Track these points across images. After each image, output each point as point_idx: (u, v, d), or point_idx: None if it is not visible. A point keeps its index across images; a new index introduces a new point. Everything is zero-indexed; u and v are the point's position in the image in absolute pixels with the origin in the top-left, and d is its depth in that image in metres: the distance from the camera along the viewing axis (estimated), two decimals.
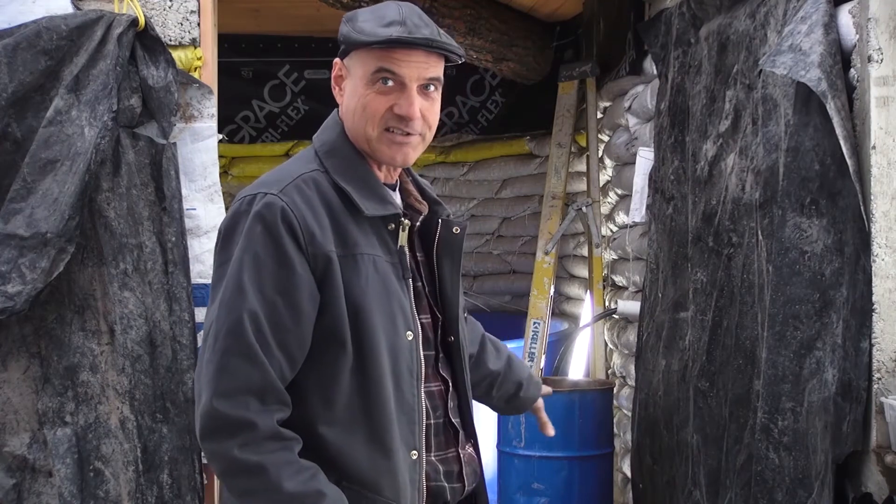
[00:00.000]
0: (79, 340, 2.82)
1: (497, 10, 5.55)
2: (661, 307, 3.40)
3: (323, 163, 1.96)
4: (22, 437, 2.81)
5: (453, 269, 2.07)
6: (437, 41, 1.91)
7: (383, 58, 1.91)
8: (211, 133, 2.97)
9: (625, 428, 4.57)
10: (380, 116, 1.93)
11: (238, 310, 1.83)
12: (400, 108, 1.93)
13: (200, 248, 2.96)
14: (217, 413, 1.81)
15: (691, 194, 3.20)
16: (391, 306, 1.93)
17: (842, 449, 2.40)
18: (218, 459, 1.84)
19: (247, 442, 1.80)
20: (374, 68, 1.92)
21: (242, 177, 6.74)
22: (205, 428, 1.83)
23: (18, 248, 2.68)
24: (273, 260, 1.84)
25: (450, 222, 2.07)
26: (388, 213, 1.95)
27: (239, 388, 1.81)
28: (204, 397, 1.83)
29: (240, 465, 1.81)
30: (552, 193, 5.51)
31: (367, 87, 1.93)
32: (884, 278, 2.41)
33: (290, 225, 1.85)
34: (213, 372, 1.83)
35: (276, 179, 1.92)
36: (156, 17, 2.94)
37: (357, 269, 1.90)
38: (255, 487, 1.82)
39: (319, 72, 6.64)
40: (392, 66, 1.91)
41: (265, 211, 1.86)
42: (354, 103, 1.96)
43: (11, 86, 2.76)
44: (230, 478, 1.86)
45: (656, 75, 3.73)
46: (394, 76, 1.92)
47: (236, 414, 1.81)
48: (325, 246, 1.87)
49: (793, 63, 2.44)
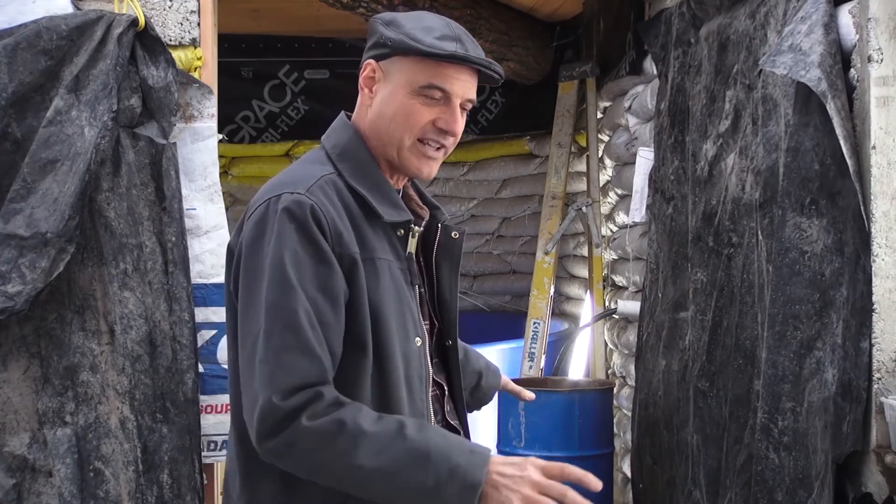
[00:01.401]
0: (79, 340, 2.82)
1: (497, 10, 5.55)
2: (661, 307, 3.40)
3: (336, 166, 1.95)
4: (22, 437, 2.81)
5: (452, 273, 2.07)
6: (494, 65, 1.97)
7: (437, 73, 1.92)
8: (211, 133, 2.97)
9: (625, 428, 4.57)
10: (420, 127, 1.94)
11: (290, 307, 1.79)
12: (445, 124, 1.94)
13: (200, 248, 2.96)
14: (278, 409, 1.75)
15: (691, 194, 3.20)
16: (403, 312, 1.93)
17: (842, 449, 2.39)
18: (289, 446, 1.76)
19: (315, 411, 1.75)
20: (424, 81, 1.92)
21: (242, 177, 6.75)
22: (266, 426, 1.76)
23: (18, 248, 2.68)
24: (311, 257, 1.82)
25: (449, 227, 2.08)
26: (402, 219, 1.95)
27: (300, 383, 1.77)
28: (261, 398, 1.76)
29: (315, 431, 1.75)
30: (552, 193, 5.51)
31: (412, 97, 1.93)
32: (884, 278, 2.41)
33: (319, 223, 1.83)
34: (270, 370, 1.77)
35: (297, 180, 1.90)
36: (156, 17, 2.94)
37: (376, 273, 1.89)
38: (338, 445, 1.75)
39: (319, 72, 6.64)
40: (444, 83, 1.92)
41: (295, 208, 1.83)
42: (393, 110, 1.94)
43: (11, 86, 2.76)
44: (308, 455, 1.77)
45: (656, 75, 3.73)
46: (443, 92, 1.93)
47: (297, 399, 1.76)
48: (350, 247, 1.86)
49: (793, 63, 2.44)
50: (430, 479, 1.75)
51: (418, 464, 1.75)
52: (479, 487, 1.74)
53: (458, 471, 1.75)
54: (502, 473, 1.76)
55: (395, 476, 1.76)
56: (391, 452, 1.75)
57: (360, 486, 1.79)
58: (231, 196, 6.51)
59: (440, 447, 1.77)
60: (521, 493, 1.74)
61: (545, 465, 1.79)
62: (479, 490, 1.74)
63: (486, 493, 1.75)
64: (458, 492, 1.74)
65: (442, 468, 1.75)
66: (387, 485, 1.77)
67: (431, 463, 1.75)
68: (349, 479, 1.79)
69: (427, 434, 1.80)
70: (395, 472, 1.75)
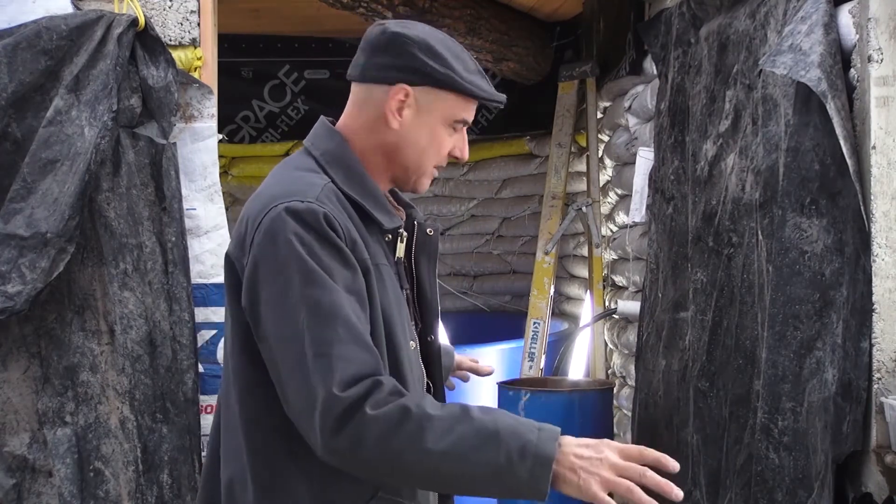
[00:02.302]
0: (79, 340, 2.82)
1: (497, 10, 5.55)
2: (661, 307, 3.40)
3: (327, 172, 1.94)
4: (22, 437, 2.81)
5: (430, 270, 2.07)
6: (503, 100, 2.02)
7: (469, 108, 1.98)
8: (211, 133, 2.97)
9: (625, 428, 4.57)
10: (444, 156, 2.01)
11: (335, 302, 1.76)
12: (460, 152, 2.02)
13: (200, 248, 2.96)
14: (341, 401, 1.70)
15: (691, 194, 3.20)
16: (402, 317, 1.93)
17: (842, 449, 2.39)
18: (357, 439, 1.70)
19: (377, 401, 1.71)
20: (458, 116, 1.97)
21: (242, 177, 6.74)
22: (329, 420, 1.70)
23: (18, 248, 2.69)
24: (335, 260, 1.79)
25: (423, 225, 2.08)
26: (396, 225, 1.95)
27: (359, 373, 1.73)
28: (322, 393, 1.70)
29: (381, 420, 1.70)
30: (552, 193, 5.51)
31: (445, 128, 1.98)
32: (884, 278, 2.41)
33: (335, 230, 1.81)
34: (326, 364, 1.72)
35: (300, 189, 1.87)
36: (156, 17, 2.94)
37: (382, 279, 1.89)
38: (406, 432, 1.70)
39: (319, 72, 6.64)
40: (468, 117, 1.99)
41: (309, 217, 1.80)
42: (427, 140, 1.97)
43: (11, 86, 2.76)
44: (377, 445, 1.71)
45: (656, 75, 3.73)
46: (466, 124, 2.01)
47: (358, 390, 1.71)
48: (363, 253, 1.85)
49: (793, 63, 2.44)
50: (501, 457, 1.70)
51: (488, 442, 1.70)
52: (552, 462, 1.69)
53: (530, 447, 1.70)
54: (579, 455, 1.72)
55: (465, 457, 1.70)
56: (459, 433, 1.71)
57: (432, 472, 1.73)
58: (231, 196, 6.50)
59: (508, 425, 1.73)
60: (601, 476, 1.69)
61: (622, 447, 1.75)
62: (552, 464, 1.69)
63: (562, 476, 1.70)
64: (531, 467, 1.69)
65: (513, 445, 1.70)
66: (459, 467, 1.71)
67: (501, 440, 1.70)
68: (420, 466, 1.73)
69: (493, 414, 1.76)
70: (466, 452, 1.70)
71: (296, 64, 6.70)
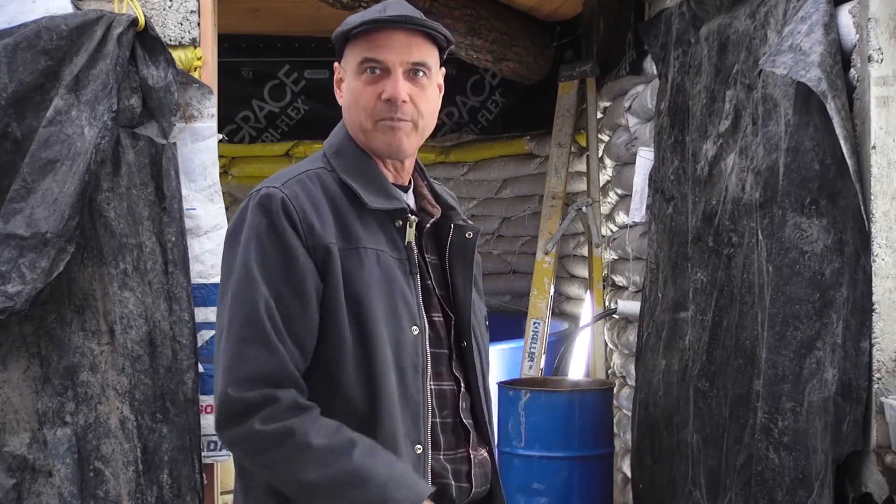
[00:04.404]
0: (79, 340, 2.82)
1: (497, 10, 5.55)
2: (661, 307, 3.40)
3: (330, 162, 1.99)
4: (22, 437, 2.81)
5: (465, 272, 2.07)
6: (411, 17, 1.94)
7: (367, 47, 1.95)
8: (211, 133, 2.97)
9: (625, 428, 4.57)
10: (371, 106, 1.96)
11: (250, 298, 1.84)
12: (386, 93, 1.94)
13: (200, 248, 2.96)
14: (232, 400, 1.81)
15: (691, 194, 3.20)
16: (394, 300, 1.93)
17: (842, 449, 2.39)
18: (239, 442, 1.84)
19: (269, 415, 1.81)
20: (359, 59, 1.96)
21: (242, 177, 6.74)
22: (221, 416, 1.83)
23: (18, 248, 2.68)
24: (277, 249, 1.86)
25: (462, 227, 2.08)
26: (392, 207, 1.96)
27: (255, 375, 1.82)
28: (219, 386, 1.82)
29: (264, 436, 1.80)
30: (552, 193, 5.51)
31: (357, 80, 1.97)
32: (884, 278, 2.41)
33: (289, 216, 1.87)
34: (228, 361, 1.83)
35: (280, 176, 1.97)
36: (156, 17, 2.94)
37: (360, 262, 1.91)
38: (284, 453, 1.82)
39: (319, 72, 6.64)
40: (374, 54, 1.94)
41: (266, 202, 1.89)
42: (348, 97, 1.99)
43: (11, 86, 2.76)
44: (255, 455, 1.85)
45: (656, 75, 3.73)
46: (378, 63, 1.95)
47: (253, 396, 1.81)
48: (324, 238, 1.89)
49: (793, 63, 2.44)
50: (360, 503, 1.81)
51: (355, 487, 1.81)
52: None
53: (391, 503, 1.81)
54: None
55: (331, 494, 1.82)
56: (332, 470, 1.80)
57: (302, 496, 1.86)
58: (231, 196, 6.50)
59: (381, 476, 1.82)
60: None
61: None
62: None
63: None
64: None
65: (377, 497, 1.81)
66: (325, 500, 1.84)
67: (368, 489, 1.81)
68: (291, 487, 1.85)
69: (374, 460, 1.84)
70: (332, 489, 1.81)
71: (296, 64, 6.70)
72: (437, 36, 1.98)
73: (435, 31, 1.98)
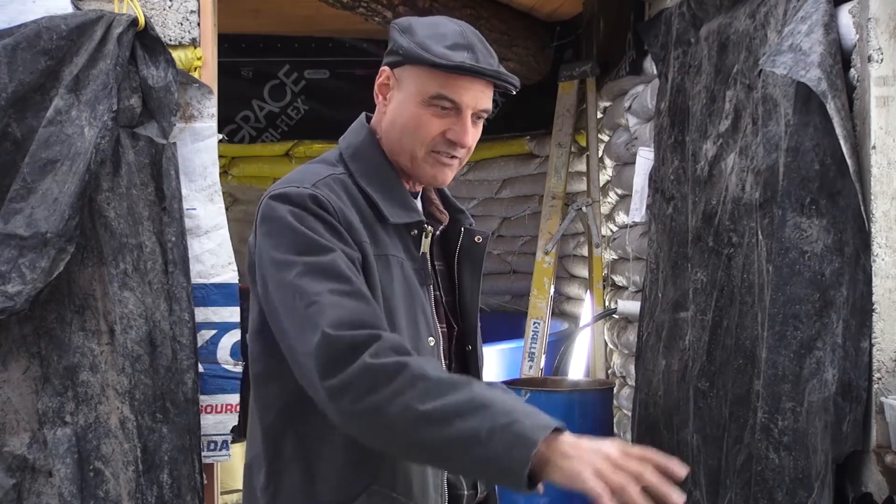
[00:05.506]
0: (79, 340, 2.82)
1: (497, 10, 5.55)
2: (661, 307, 3.40)
3: (348, 166, 1.93)
4: (22, 437, 2.81)
5: (473, 278, 2.05)
6: (504, 75, 1.89)
7: (446, 84, 1.88)
8: (211, 133, 2.97)
9: (625, 428, 4.57)
10: (431, 139, 1.90)
11: (327, 261, 1.75)
12: (455, 135, 1.90)
13: (200, 248, 2.96)
14: (333, 339, 1.67)
15: (691, 194, 3.20)
16: (415, 310, 1.91)
17: (842, 449, 2.39)
18: (349, 384, 1.66)
19: (378, 350, 1.67)
20: (433, 92, 1.88)
21: (242, 177, 6.75)
22: (325, 360, 1.67)
23: (18, 248, 2.68)
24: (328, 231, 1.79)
25: (472, 231, 2.05)
26: (412, 220, 1.93)
27: (353, 318, 1.70)
28: (317, 336, 1.68)
29: (377, 369, 1.65)
30: (552, 193, 5.51)
31: (422, 108, 1.89)
32: (884, 278, 2.41)
33: (325, 208, 1.81)
34: (320, 309, 1.70)
35: (303, 178, 1.88)
36: (156, 17, 2.94)
37: (388, 269, 1.88)
38: (399, 386, 1.64)
39: (319, 72, 6.64)
40: (453, 95, 1.88)
41: (297, 199, 1.81)
42: (404, 120, 1.91)
43: (11, 86, 2.76)
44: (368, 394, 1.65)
45: (656, 75, 3.73)
46: (452, 103, 1.89)
47: (359, 334, 1.67)
48: (361, 236, 1.84)
49: (793, 63, 2.44)
50: (483, 428, 1.60)
51: (475, 412, 1.61)
52: (534, 445, 1.57)
53: (516, 426, 1.59)
54: (575, 445, 1.61)
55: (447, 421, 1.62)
56: (450, 399, 1.63)
57: (411, 430, 1.66)
58: (231, 196, 6.51)
59: (505, 403, 1.64)
60: (595, 466, 1.57)
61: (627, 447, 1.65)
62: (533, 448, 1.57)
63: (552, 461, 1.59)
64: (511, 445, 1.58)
65: (499, 420, 1.60)
66: (438, 431, 1.63)
67: (489, 414, 1.61)
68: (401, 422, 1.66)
69: (496, 392, 1.69)
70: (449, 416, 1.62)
71: (296, 64, 6.70)
72: (511, 90, 1.94)
73: (513, 87, 1.93)
